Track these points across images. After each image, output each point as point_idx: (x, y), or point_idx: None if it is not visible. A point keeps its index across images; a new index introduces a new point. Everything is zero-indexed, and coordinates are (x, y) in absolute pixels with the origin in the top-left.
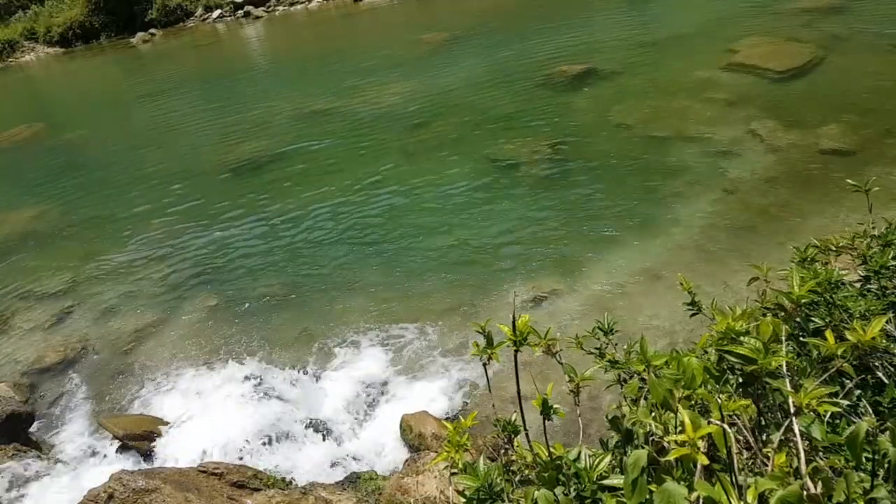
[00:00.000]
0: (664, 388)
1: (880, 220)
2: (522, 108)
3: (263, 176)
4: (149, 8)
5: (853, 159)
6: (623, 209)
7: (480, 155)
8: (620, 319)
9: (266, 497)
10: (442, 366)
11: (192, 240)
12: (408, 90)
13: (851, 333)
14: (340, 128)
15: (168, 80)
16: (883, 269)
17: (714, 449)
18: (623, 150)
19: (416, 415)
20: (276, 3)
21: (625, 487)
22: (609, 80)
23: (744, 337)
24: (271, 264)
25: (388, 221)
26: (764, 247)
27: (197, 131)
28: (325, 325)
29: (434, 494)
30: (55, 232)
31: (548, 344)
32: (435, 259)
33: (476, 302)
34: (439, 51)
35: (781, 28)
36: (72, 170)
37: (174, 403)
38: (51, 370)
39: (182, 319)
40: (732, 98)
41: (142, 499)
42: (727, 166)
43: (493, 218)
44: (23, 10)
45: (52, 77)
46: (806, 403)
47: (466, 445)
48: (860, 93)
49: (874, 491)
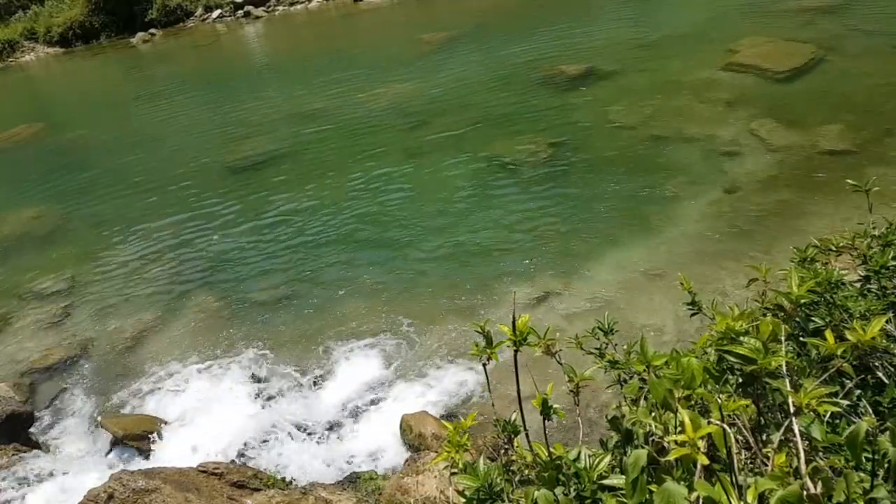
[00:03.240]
0: (664, 388)
1: (880, 220)
2: (522, 108)
3: (263, 175)
4: (149, 8)
5: (853, 159)
6: (623, 209)
7: (480, 154)
8: (620, 319)
9: (266, 497)
10: (442, 366)
11: (192, 240)
12: (408, 90)
13: (851, 333)
14: (340, 127)
15: (168, 80)
16: (883, 268)
17: (714, 449)
18: (623, 150)
19: (416, 415)
20: (276, 3)
21: (625, 487)
22: (609, 79)
23: (743, 337)
24: (272, 264)
25: (388, 221)
26: (764, 247)
27: (197, 131)
28: (325, 324)
29: (434, 494)
30: (55, 232)
31: (547, 344)
32: (435, 259)
33: (476, 302)
34: (439, 50)
35: (781, 28)
36: (72, 170)
37: (174, 403)
38: (51, 370)
39: (182, 319)
40: (732, 98)
41: (142, 499)
42: (727, 166)
43: (494, 217)
44: (23, 10)
45: (52, 77)
46: (806, 403)
47: (466, 445)
48: (860, 93)
49: (874, 491)
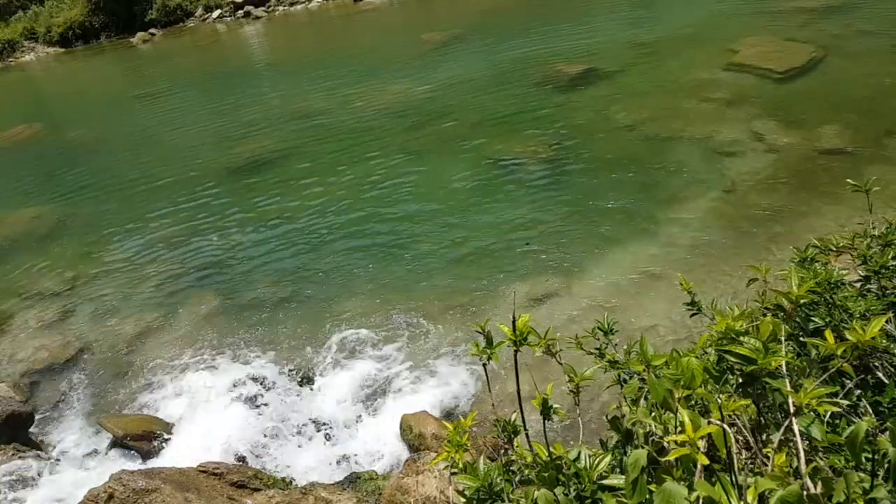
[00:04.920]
0: (664, 388)
1: (880, 220)
2: (522, 108)
3: (263, 175)
4: (149, 8)
5: (853, 159)
6: (623, 209)
7: (480, 154)
8: (620, 319)
9: (266, 497)
10: (442, 366)
11: (192, 240)
12: (408, 90)
13: (851, 333)
14: (340, 127)
15: (168, 80)
16: (883, 268)
17: (714, 449)
18: (623, 150)
19: (416, 415)
20: (276, 3)
21: (625, 487)
22: (609, 79)
23: (743, 337)
24: (272, 264)
25: (388, 221)
26: (764, 246)
27: (197, 131)
28: (326, 324)
29: (434, 494)
30: (55, 232)
31: (547, 344)
32: (435, 259)
33: (476, 301)
34: (439, 50)
35: (781, 28)
36: (72, 170)
37: (174, 403)
38: (51, 370)
39: (182, 319)
40: (732, 98)
41: (142, 499)
42: (727, 166)
43: (493, 217)
44: (23, 9)
45: (52, 77)
46: (806, 403)
47: (466, 445)
48: (860, 93)
49: (874, 491)
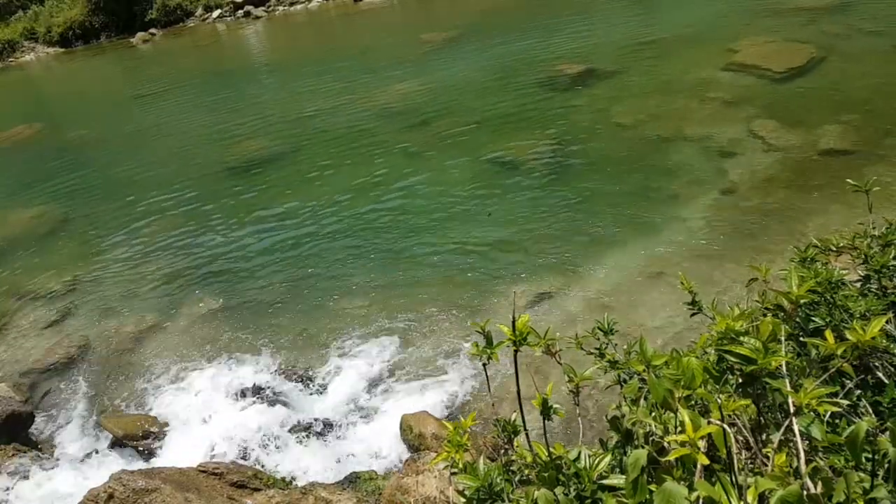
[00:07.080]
0: (664, 388)
1: (880, 220)
2: (522, 108)
3: (263, 175)
4: (149, 8)
5: (853, 159)
6: (623, 209)
7: (480, 155)
8: (620, 319)
9: (266, 497)
10: (442, 366)
11: (192, 240)
12: (407, 90)
13: (851, 333)
14: (340, 128)
15: (168, 80)
16: (883, 268)
17: (714, 449)
18: (623, 150)
19: (416, 415)
20: (276, 3)
21: (625, 487)
22: (609, 79)
23: (743, 337)
24: (272, 264)
25: (388, 221)
26: (764, 246)
27: (197, 131)
28: (326, 325)
29: (434, 494)
30: (55, 232)
31: (547, 344)
32: (435, 258)
33: (476, 301)
34: (439, 50)
35: (781, 28)
36: (72, 170)
37: (174, 403)
38: (51, 370)
39: (182, 319)
40: (732, 98)
41: (142, 499)
42: (727, 166)
43: (493, 217)
44: (23, 9)
45: (52, 77)
46: (806, 403)
47: (466, 445)
48: (860, 93)
49: (874, 491)
